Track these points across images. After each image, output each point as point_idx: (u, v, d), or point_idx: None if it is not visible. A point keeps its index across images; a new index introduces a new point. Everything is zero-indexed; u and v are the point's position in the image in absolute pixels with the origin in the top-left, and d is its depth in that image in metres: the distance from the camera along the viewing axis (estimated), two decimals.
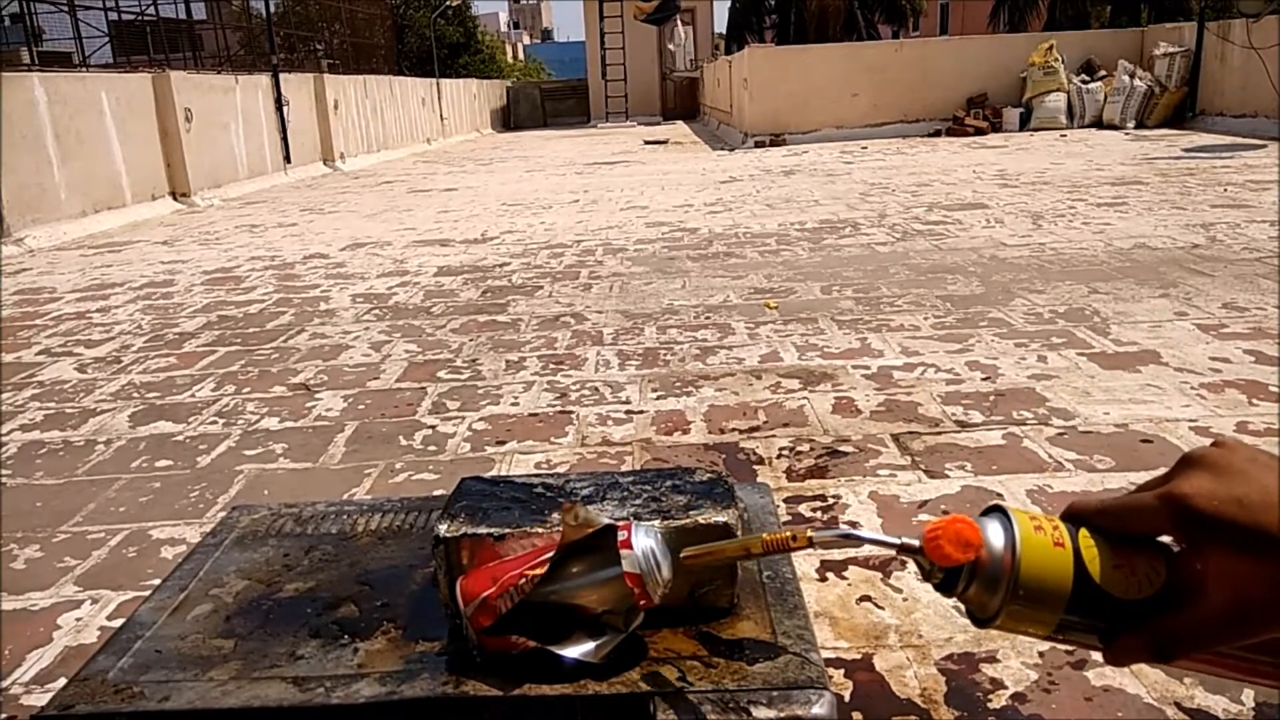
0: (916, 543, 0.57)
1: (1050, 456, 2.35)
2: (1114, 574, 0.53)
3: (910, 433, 2.56)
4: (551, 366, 3.35)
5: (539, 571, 0.72)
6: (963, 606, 0.57)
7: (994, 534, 0.55)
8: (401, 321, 4.14)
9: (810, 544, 0.63)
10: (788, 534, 0.64)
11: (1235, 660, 0.53)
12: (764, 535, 0.65)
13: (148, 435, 2.89)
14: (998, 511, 0.56)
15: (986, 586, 0.54)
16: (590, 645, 0.71)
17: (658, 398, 2.96)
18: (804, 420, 2.70)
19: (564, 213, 7.45)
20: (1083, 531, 0.55)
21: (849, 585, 1.80)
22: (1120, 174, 7.83)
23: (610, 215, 7.15)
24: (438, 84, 20.24)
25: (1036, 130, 12.60)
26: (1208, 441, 0.58)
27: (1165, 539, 0.54)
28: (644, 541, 0.71)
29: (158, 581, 0.94)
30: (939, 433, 2.55)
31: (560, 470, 2.46)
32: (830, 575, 1.84)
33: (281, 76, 12.44)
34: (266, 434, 2.85)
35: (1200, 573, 0.51)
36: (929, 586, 0.58)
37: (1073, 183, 7.44)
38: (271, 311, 4.48)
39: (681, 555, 0.70)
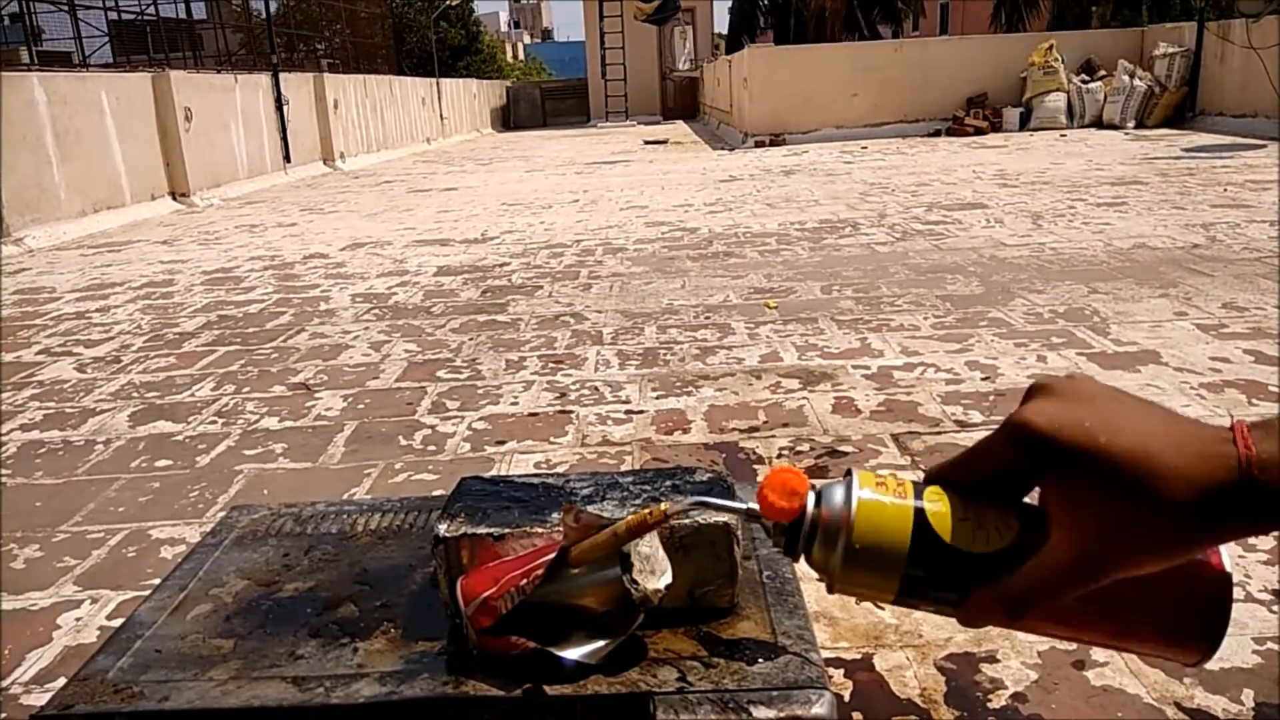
0: (758, 506, 0.54)
1: None
2: (960, 526, 0.50)
3: (910, 432, 2.56)
4: (551, 366, 3.35)
5: (540, 572, 0.72)
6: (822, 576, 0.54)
7: (836, 492, 0.52)
8: (401, 321, 4.13)
9: (666, 518, 0.63)
10: (645, 512, 0.64)
11: (1069, 614, 0.50)
12: (628, 518, 0.65)
13: (147, 435, 2.89)
14: (847, 474, 0.54)
15: (827, 546, 0.52)
16: (590, 646, 0.71)
17: (658, 397, 2.96)
18: (804, 420, 2.70)
19: (564, 212, 7.45)
20: (933, 487, 0.52)
21: None
22: (1120, 174, 7.83)
23: (610, 215, 7.14)
24: (438, 84, 20.24)
25: (1036, 130, 12.59)
26: None
27: (1028, 500, 0.51)
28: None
29: (157, 581, 0.94)
30: (939, 432, 2.55)
31: (560, 470, 2.46)
32: None
33: (281, 76, 12.43)
34: (266, 434, 2.85)
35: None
36: None
37: (1072, 183, 7.44)
38: (271, 311, 4.48)
39: (570, 553, 0.69)
